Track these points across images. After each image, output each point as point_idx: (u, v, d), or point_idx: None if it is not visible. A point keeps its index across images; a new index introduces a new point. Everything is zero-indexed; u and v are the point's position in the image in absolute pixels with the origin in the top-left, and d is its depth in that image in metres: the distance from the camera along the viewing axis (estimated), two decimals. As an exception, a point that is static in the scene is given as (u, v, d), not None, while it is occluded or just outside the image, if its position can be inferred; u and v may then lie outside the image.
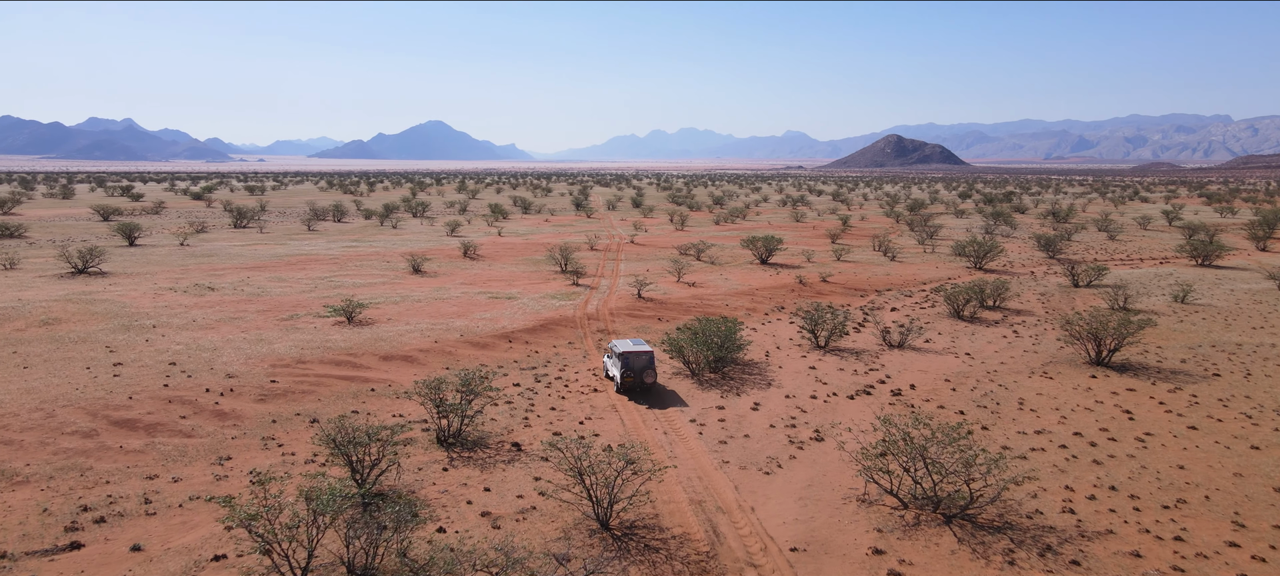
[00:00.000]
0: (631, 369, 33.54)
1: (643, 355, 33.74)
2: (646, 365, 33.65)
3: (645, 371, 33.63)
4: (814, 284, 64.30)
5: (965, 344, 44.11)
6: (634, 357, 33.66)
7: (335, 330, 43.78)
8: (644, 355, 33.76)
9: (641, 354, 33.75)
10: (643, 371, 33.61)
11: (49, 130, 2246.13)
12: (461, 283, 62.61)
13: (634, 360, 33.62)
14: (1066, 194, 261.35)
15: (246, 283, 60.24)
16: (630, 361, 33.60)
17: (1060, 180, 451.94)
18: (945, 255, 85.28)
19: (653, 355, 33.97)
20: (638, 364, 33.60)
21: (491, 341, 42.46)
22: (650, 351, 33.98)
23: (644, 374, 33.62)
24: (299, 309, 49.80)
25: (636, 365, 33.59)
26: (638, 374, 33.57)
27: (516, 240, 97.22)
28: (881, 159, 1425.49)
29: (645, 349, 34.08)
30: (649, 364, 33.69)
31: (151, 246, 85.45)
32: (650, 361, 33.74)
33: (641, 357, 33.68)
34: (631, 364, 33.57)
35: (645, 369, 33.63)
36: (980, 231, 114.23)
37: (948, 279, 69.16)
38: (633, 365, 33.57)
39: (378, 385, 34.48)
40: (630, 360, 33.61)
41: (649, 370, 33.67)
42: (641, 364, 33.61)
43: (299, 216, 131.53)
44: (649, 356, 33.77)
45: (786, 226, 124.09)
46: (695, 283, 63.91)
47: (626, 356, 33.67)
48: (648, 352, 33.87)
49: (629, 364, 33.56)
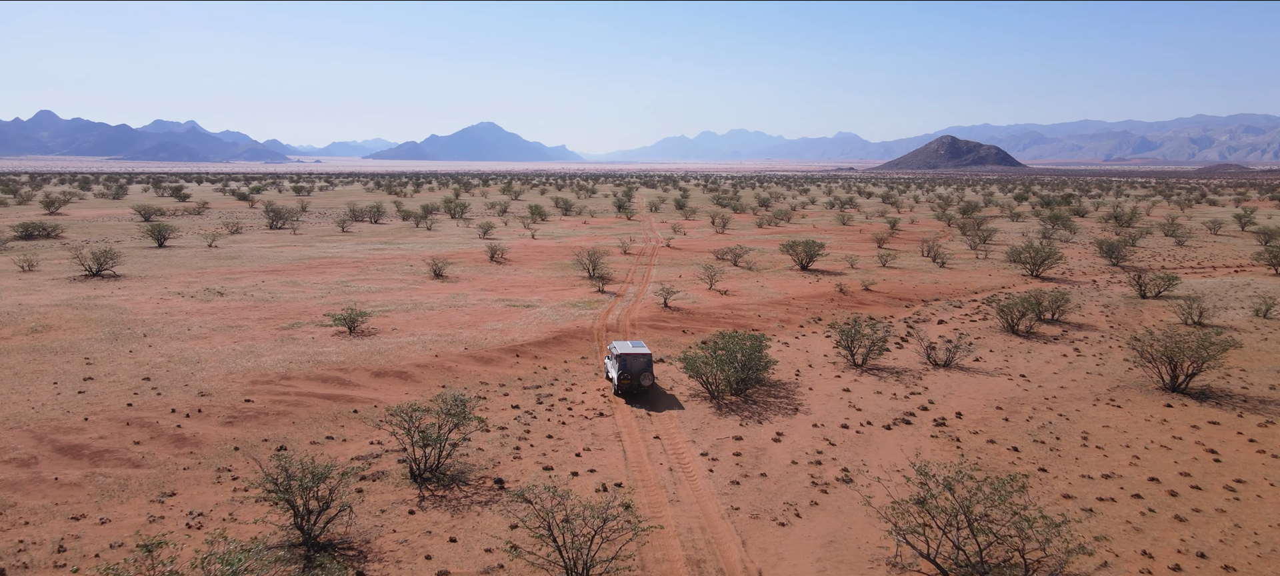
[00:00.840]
0: (629, 371, 32.75)
1: (640, 358, 32.93)
2: (644, 368, 32.91)
3: (643, 374, 32.90)
4: (855, 293, 60.08)
5: (1020, 363, 39.71)
6: (631, 360, 32.83)
7: (333, 341, 40.98)
8: (641, 358, 32.94)
9: (639, 356, 32.96)
10: (640, 374, 32.85)
11: (117, 132, 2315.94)
12: (481, 288, 59.67)
13: (631, 363, 32.80)
14: (1128, 196, 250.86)
15: (259, 287, 58.02)
16: (628, 364, 32.77)
17: (1122, 182, 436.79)
18: (999, 262, 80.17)
19: (650, 358, 33.18)
20: (635, 366, 32.81)
21: (497, 355, 39.22)
22: (648, 354, 33.20)
23: (641, 376, 32.87)
24: (304, 316, 47.21)
25: (634, 368, 32.81)
26: (634, 376, 32.80)
27: (549, 244, 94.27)
28: (935, 160, 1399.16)
29: (644, 351, 33.31)
30: (646, 366, 32.95)
31: (181, 248, 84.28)
32: (648, 364, 33.00)
33: (639, 360, 32.87)
34: (629, 366, 32.77)
35: (642, 371, 32.88)
36: (1037, 236, 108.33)
37: (1001, 288, 64.37)
38: (630, 368, 32.77)
39: (363, 405, 31.44)
40: (628, 363, 32.78)
41: (646, 373, 32.96)
42: (639, 366, 32.84)
43: (335, 218, 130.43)
44: (646, 359, 33.01)
45: (832, 230, 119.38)
46: (728, 291, 60.11)
47: (624, 359, 32.84)
48: (645, 355, 33.10)
49: (626, 366, 32.76)
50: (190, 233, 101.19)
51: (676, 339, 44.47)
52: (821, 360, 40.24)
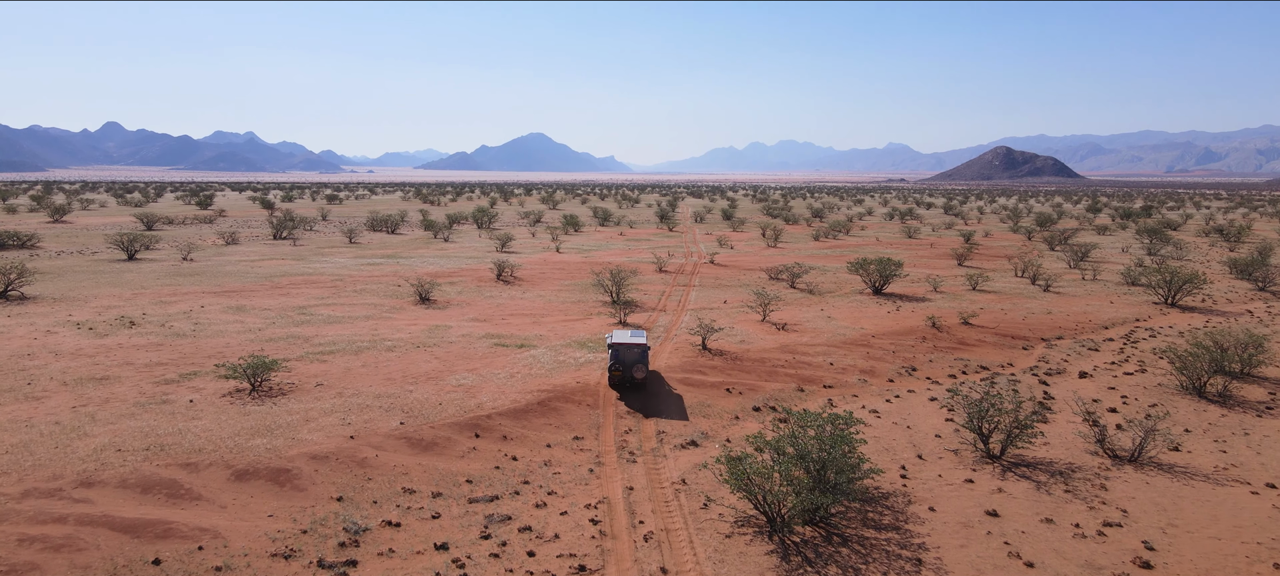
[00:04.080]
0: (621, 362, 30.59)
1: (634, 348, 30.61)
2: (637, 359, 30.69)
3: (635, 366, 30.64)
4: (952, 327, 46.31)
5: (1247, 456, 25.81)
6: (625, 350, 30.60)
7: (215, 407, 28.58)
8: (635, 348, 30.61)
9: (634, 347, 30.62)
10: (632, 366, 30.65)
11: (179, 143, 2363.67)
12: (472, 318, 47.17)
13: (624, 353, 30.60)
14: (1208, 209, 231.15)
15: (190, 315, 46.19)
16: (620, 354, 30.57)
17: (1192, 194, 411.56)
18: (1113, 285, 65.52)
19: (646, 350, 30.95)
20: (628, 357, 30.63)
21: (446, 437, 26.29)
22: (645, 346, 30.82)
23: (634, 369, 30.63)
24: (211, 361, 35.04)
25: (627, 359, 30.63)
26: (627, 368, 30.65)
27: (574, 258, 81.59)
28: (989, 171, 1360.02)
29: (640, 342, 30.83)
30: (640, 358, 30.72)
31: (153, 260, 73.50)
32: (642, 356, 30.76)
33: (633, 351, 30.61)
34: (621, 357, 30.57)
35: (635, 364, 30.66)
36: (1140, 252, 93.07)
37: (1137, 321, 50.11)
38: (622, 358, 30.59)
39: (182, 545, 18.81)
40: (620, 353, 30.56)
41: (639, 365, 30.67)
42: (632, 358, 30.66)
43: (346, 227, 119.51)
44: (641, 350, 30.71)
45: (898, 244, 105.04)
46: (787, 324, 46.72)
47: (617, 349, 30.55)
48: (641, 346, 30.72)
49: (619, 356, 30.54)
50: (176, 243, 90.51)
51: (718, 402, 31.24)
52: (934, 445, 26.75)
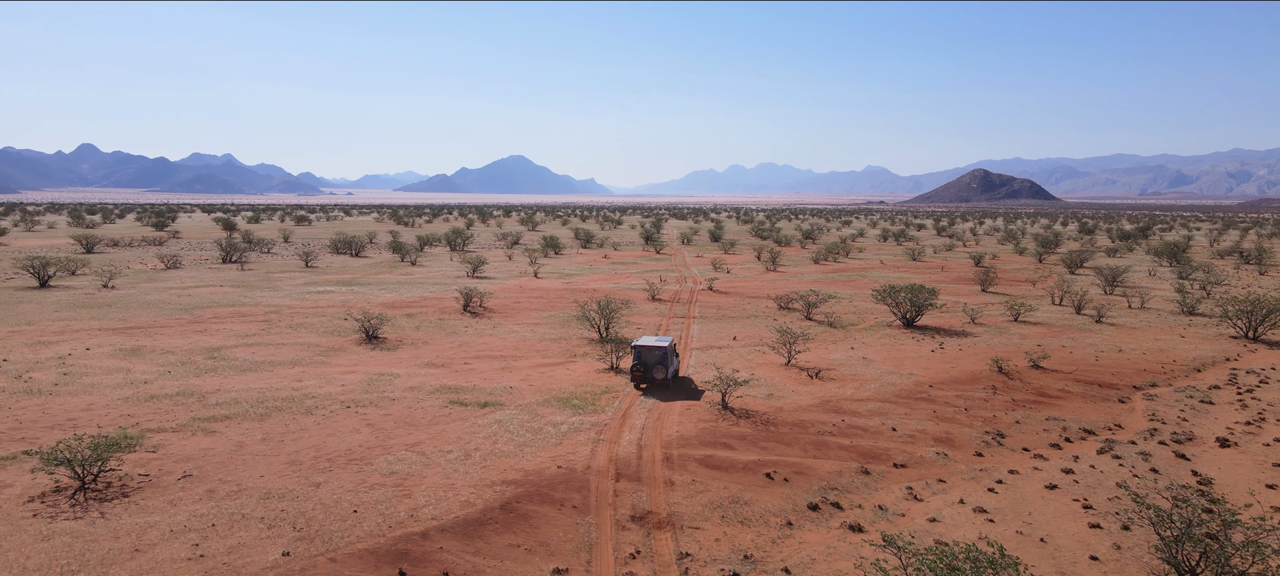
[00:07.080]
0: (643, 363, 31.35)
1: (656, 350, 31.10)
2: (659, 360, 31.17)
3: (656, 367, 31.22)
4: (1022, 373, 37.43)
5: None
6: (647, 352, 31.24)
7: (9, 524, 19.11)
8: (658, 350, 31.09)
9: (656, 349, 31.12)
10: (653, 366, 31.24)
11: (155, 165, 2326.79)
12: (425, 363, 37.78)
13: (647, 354, 31.23)
14: (1197, 229, 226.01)
15: (69, 360, 36.51)
16: (643, 355, 31.30)
17: (1171, 216, 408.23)
18: (1167, 315, 57.09)
19: (667, 350, 31.17)
20: (650, 359, 31.26)
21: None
22: (667, 347, 31.30)
23: (654, 369, 31.18)
24: (59, 432, 25.49)
25: (649, 360, 31.30)
26: (648, 369, 31.26)
27: (554, 284, 72.29)
28: (967, 193, 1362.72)
29: (665, 344, 31.36)
30: (661, 359, 31.16)
31: (68, 287, 63.63)
32: (663, 357, 31.13)
33: (654, 352, 31.13)
34: (644, 358, 31.31)
35: (657, 364, 31.20)
36: (1170, 275, 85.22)
37: (1227, 360, 41.63)
38: (644, 359, 31.34)
39: None
40: (643, 354, 31.26)
41: (660, 365, 31.22)
42: (654, 359, 31.16)
43: (304, 251, 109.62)
44: (663, 351, 31.09)
45: (903, 266, 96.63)
46: (820, 370, 37.60)
47: (640, 350, 31.31)
48: (664, 348, 31.13)
49: (641, 358, 31.32)
50: (103, 269, 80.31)
51: (757, 496, 21.97)
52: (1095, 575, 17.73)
